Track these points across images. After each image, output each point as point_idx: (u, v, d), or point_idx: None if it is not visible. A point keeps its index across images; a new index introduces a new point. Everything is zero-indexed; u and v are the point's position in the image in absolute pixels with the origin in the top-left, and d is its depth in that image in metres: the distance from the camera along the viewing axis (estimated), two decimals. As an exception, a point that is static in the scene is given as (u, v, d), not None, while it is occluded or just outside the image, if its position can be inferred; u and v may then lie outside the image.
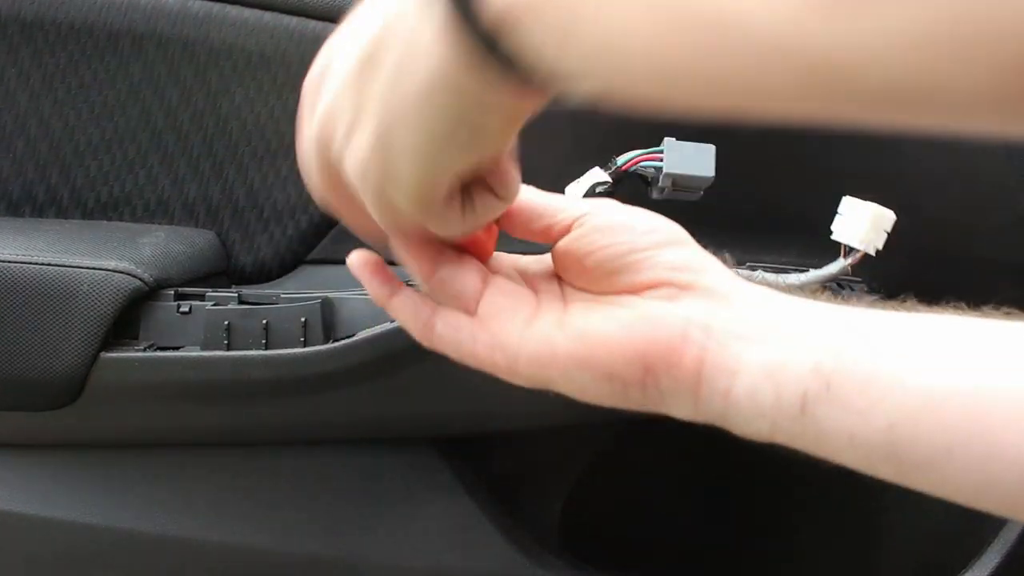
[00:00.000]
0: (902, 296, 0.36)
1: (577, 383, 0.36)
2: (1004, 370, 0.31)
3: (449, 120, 0.27)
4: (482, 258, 0.39)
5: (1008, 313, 0.33)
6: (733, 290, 0.36)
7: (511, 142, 0.30)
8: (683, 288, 0.36)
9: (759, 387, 0.33)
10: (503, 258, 0.40)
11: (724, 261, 0.39)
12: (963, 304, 0.34)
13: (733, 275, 0.37)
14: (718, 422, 0.35)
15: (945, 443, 0.31)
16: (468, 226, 0.33)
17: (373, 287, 0.39)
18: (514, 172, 0.33)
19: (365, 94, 0.28)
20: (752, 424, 0.34)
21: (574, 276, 0.38)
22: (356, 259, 0.39)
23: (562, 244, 0.38)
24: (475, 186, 0.33)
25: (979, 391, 0.31)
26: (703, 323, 0.35)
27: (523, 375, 0.36)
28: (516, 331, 0.36)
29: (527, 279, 0.39)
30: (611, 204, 0.39)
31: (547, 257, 0.40)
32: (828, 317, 0.35)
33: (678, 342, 0.34)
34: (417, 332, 0.38)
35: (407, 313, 0.38)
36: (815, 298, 0.36)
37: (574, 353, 0.35)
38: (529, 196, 0.38)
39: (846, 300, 0.37)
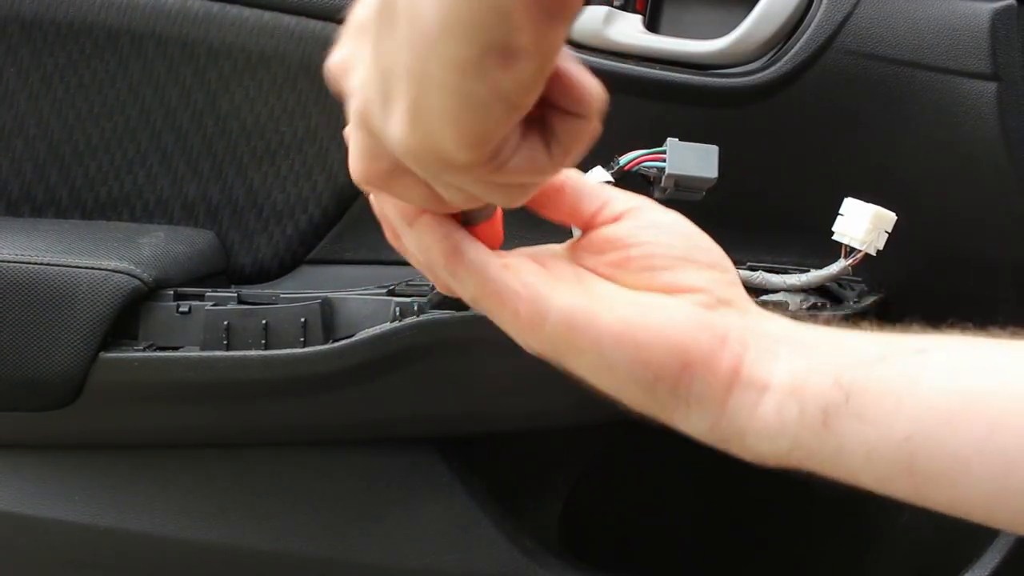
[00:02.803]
0: (902, 313, 0.37)
1: (604, 364, 0.34)
2: (1018, 383, 0.31)
3: (478, 39, 0.24)
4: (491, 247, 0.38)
5: (1015, 333, 0.33)
6: (760, 310, 0.37)
7: (560, 42, 0.25)
8: (721, 301, 0.36)
9: (785, 403, 0.33)
10: (514, 252, 0.38)
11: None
12: (969, 325, 0.34)
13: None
14: (730, 442, 0.35)
15: (962, 456, 0.31)
16: (557, 163, 0.29)
17: (392, 218, 0.35)
18: (587, 76, 0.29)
19: (388, 54, 0.26)
20: (773, 443, 0.34)
21: (607, 264, 0.37)
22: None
23: (611, 230, 0.37)
24: (550, 115, 0.29)
25: (995, 404, 0.31)
26: (741, 335, 0.35)
27: (545, 335, 0.34)
28: (551, 287, 0.34)
29: (539, 262, 0.37)
30: (663, 207, 0.38)
31: (558, 247, 0.39)
32: (845, 337, 0.35)
33: (718, 347, 0.34)
34: (444, 256, 0.34)
35: (435, 233, 0.34)
36: (833, 326, 0.37)
37: (614, 327, 0.33)
38: (582, 178, 0.38)
39: (845, 319, 0.37)
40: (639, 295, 0.35)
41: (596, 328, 0.33)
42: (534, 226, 0.45)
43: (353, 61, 0.28)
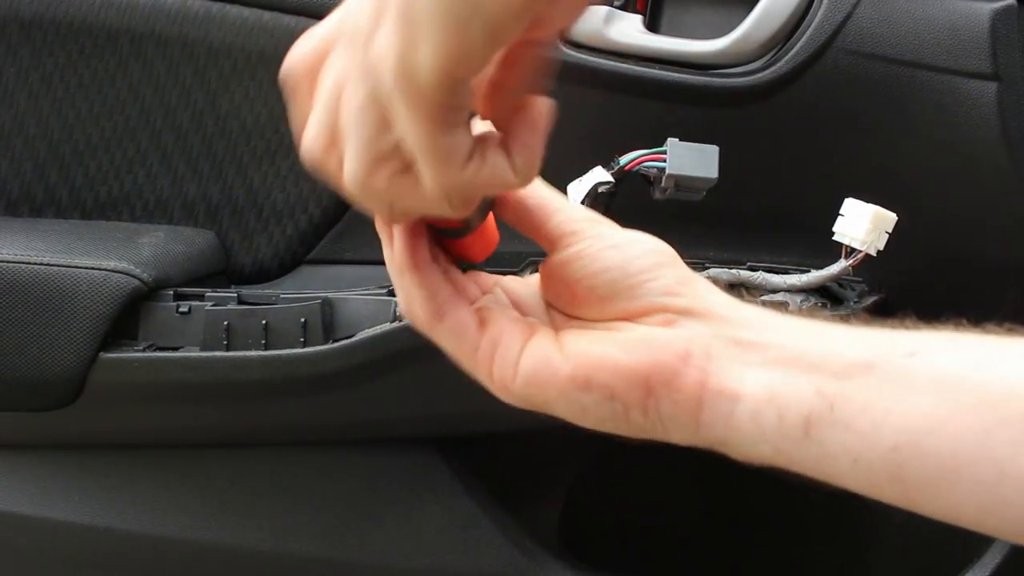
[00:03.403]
0: (901, 313, 0.36)
1: (576, 405, 0.35)
2: (1011, 389, 0.30)
3: None
4: (473, 261, 0.38)
5: (1011, 329, 0.32)
6: (729, 311, 0.36)
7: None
8: (680, 313, 0.35)
9: (761, 411, 0.33)
10: (491, 278, 0.39)
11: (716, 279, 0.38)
12: (964, 320, 0.33)
13: (724, 294, 0.37)
14: (717, 447, 0.35)
15: (952, 465, 0.30)
16: (470, 178, 0.30)
17: (407, 247, 0.36)
18: (533, 151, 0.31)
19: None
20: (754, 448, 0.34)
21: (565, 303, 0.38)
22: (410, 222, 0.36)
23: (550, 268, 0.37)
24: (488, 144, 0.30)
25: (986, 412, 0.30)
26: (704, 347, 0.34)
27: (518, 394, 0.36)
28: (515, 349, 0.35)
29: (516, 303, 0.39)
30: (599, 223, 0.38)
31: (533, 280, 0.39)
32: (828, 338, 0.34)
33: (680, 365, 0.34)
34: (426, 314, 0.36)
35: (427, 288, 0.36)
36: (813, 316, 0.36)
37: (574, 374, 0.34)
38: (532, 188, 0.38)
39: (844, 319, 0.36)
40: (600, 331, 0.36)
41: (558, 380, 0.35)
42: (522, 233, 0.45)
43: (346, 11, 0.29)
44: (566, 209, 0.38)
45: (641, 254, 0.36)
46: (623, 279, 0.36)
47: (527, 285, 0.39)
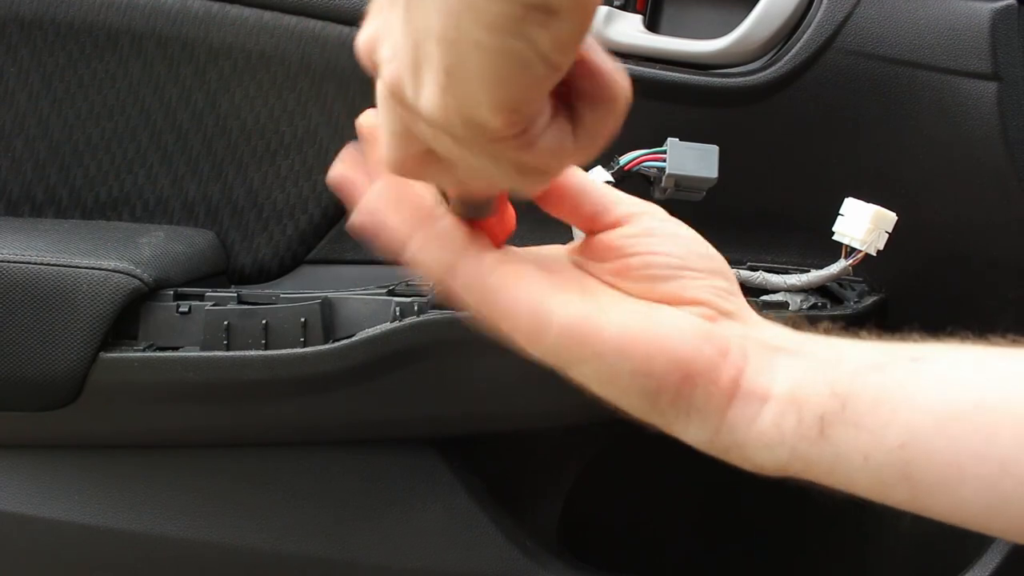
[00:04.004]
0: (908, 320, 0.37)
1: (609, 371, 0.34)
2: (1014, 389, 0.31)
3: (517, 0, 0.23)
4: (495, 243, 0.38)
5: (1015, 341, 0.33)
6: (763, 321, 0.37)
7: (591, 17, 0.25)
8: (722, 313, 0.36)
9: (784, 413, 0.33)
10: (516, 251, 0.38)
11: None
12: (969, 334, 0.34)
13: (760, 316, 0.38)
14: (731, 452, 0.35)
15: (959, 464, 0.31)
16: (583, 148, 0.29)
17: (389, 233, 0.35)
18: (611, 63, 0.29)
19: (420, 18, 0.25)
20: (771, 452, 0.34)
21: (608, 272, 0.37)
22: (363, 212, 0.35)
23: (609, 236, 0.37)
24: (576, 101, 0.29)
25: (993, 412, 0.30)
26: (741, 347, 0.35)
27: (547, 346, 0.34)
28: (550, 296, 0.34)
29: (542, 264, 0.37)
30: (664, 213, 0.38)
31: (556, 248, 0.39)
32: (839, 343, 0.35)
33: (719, 359, 0.34)
34: (441, 273, 0.35)
35: (430, 253, 0.35)
36: (832, 333, 0.37)
37: (617, 338, 0.33)
38: (587, 178, 0.38)
39: (855, 333, 0.37)
40: (641, 305, 0.35)
41: (599, 339, 0.33)
42: (536, 226, 0.45)
43: (383, 32, 0.28)
44: (627, 197, 0.38)
45: (707, 256, 0.37)
46: (685, 264, 0.36)
47: (551, 251, 0.39)
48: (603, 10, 0.71)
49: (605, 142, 0.30)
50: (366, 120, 0.36)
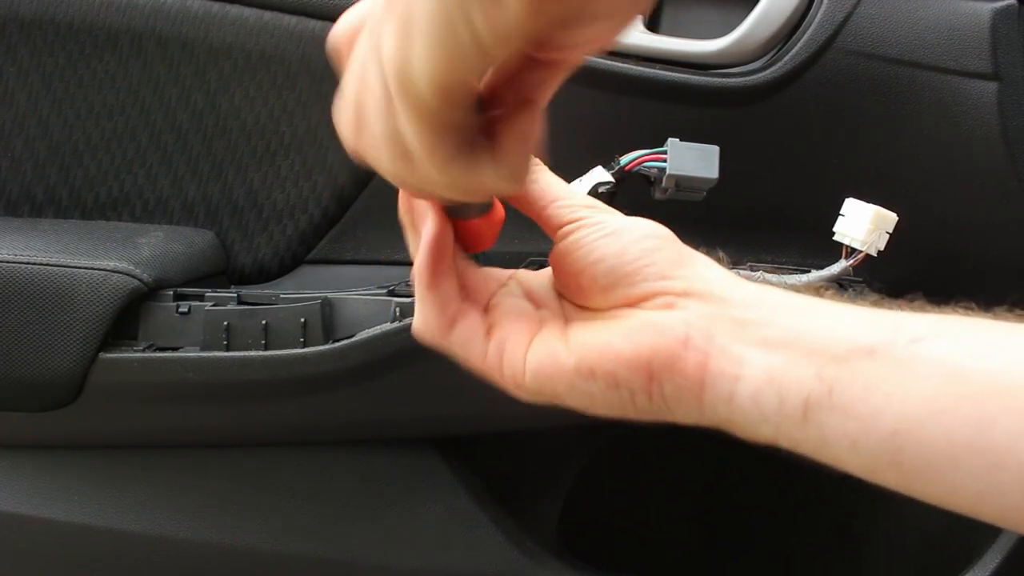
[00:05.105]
0: (909, 296, 0.36)
1: (584, 394, 0.36)
2: (1013, 379, 0.30)
3: None
4: (479, 248, 0.39)
5: (1021, 315, 0.32)
6: (728, 290, 0.36)
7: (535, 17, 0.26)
8: (679, 295, 0.36)
9: (762, 392, 0.33)
10: (506, 273, 0.41)
11: (719, 260, 0.38)
12: (973, 304, 0.33)
13: (723, 271, 0.37)
14: (724, 426, 0.35)
15: (951, 452, 0.30)
16: (458, 178, 0.31)
17: (429, 263, 0.37)
18: (520, 161, 0.32)
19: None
20: (757, 428, 0.34)
21: (572, 294, 0.39)
22: (433, 228, 0.37)
23: (555, 258, 0.38)
24: (478, 148, 0.31)
25: (988, 400, 0.30)
26: (704, 329, 0.35)
27: (529, 389, 0.37)
28: (522, 348, 0.37)
29: (530, 295, 0.40)
30: (598, 210, 0.38)
31: (547, 272, 0.41)
32: (829, 318, 0.34)
33: (680, 348, 0.34)
34: (437, 327, 0.38)
35: (439, 303, 0.38)
36: (820, 295, 0.36)
37: (579, 365, 0.35)
38: (537, 175, 0.39)
39: (851, 299, 0.36)
40: (605, 320, 0.37)
41: (565, 372, 0.36)
42: (533, 225, 0.45)
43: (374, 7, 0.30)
44: (566, 197, 0.39)
45: (637, 239, 0.37)
46: (621, 267, 0.36)
47: (541, 277, 0.41)
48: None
49: (522, 180, 0.32)
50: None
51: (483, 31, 0.26)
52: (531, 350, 0.37)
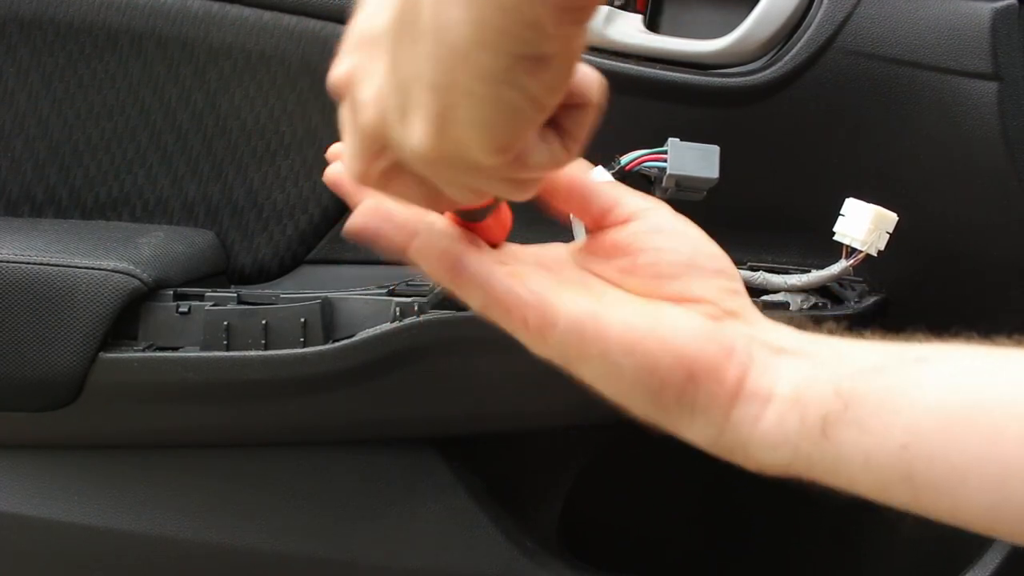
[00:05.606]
0: (909, 321, 0.36)
1: (611, 370, 0.34)
2: (1019, 391, 0.31)
3: (508, 50, 0.24)
4: (493, 244, 0.38)
5: (1020, 341, 0.33)
6: (767, 321, 0.36)
7: (583, 42, 0.26)
8: (728, 313, 0.36)
9: (787, 413, 0.33)
10: (519, 249, 0.38)
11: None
12: (972, 335, 0.34)
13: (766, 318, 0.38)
14: (735, 452, 0.35)
15: (961, 465, 0.31)
16: (571, 154, 0.30)
17: (389, 235, 0.35)
18: (582, 66, 0.29)
19: (409, 66, 0.26)
20: (776, 452, 0.34)
21: (614, 270, 0.37)
22: (362, 214, 0.35)
23: (617, 233, 0.37)
24: (556, 111, 0.29)
25: (996, 413, 0.30)
26: (746, 347, 0.35)
27: (553, 342, 0.34)
28: (555, 296, 0.34)
29: (544, 267, 0.37)
30: (671, 210, 0.38)
31: (559, 247, 0.39)
32: (849, 344, 0.35)
33: (724, 358, 0.34)
34: (446, 272, 0.35)
35: (433, 252, 0.35)
36: (835, 334, 0.36)
37: (624, 336, 0.33)
38: (594, 175, 0.38)
39: (860, 333, 0.37)
40: (646, 303, 0.36)
41: (604, 336, 0.34)
42: (534, 226, 0.45)
43: (363, 73, 0.28)
44: (634, 194, 0.38)
45: (714, 256, 0.37)
46: (690, 264, 0.36)
47: (553, 249, 0.39)
48: (603, 10, 0.71)
49: (586, 140, 0.30)
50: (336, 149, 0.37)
51: (538, 94, 0.25)
52: (568, 302, 0.34)
